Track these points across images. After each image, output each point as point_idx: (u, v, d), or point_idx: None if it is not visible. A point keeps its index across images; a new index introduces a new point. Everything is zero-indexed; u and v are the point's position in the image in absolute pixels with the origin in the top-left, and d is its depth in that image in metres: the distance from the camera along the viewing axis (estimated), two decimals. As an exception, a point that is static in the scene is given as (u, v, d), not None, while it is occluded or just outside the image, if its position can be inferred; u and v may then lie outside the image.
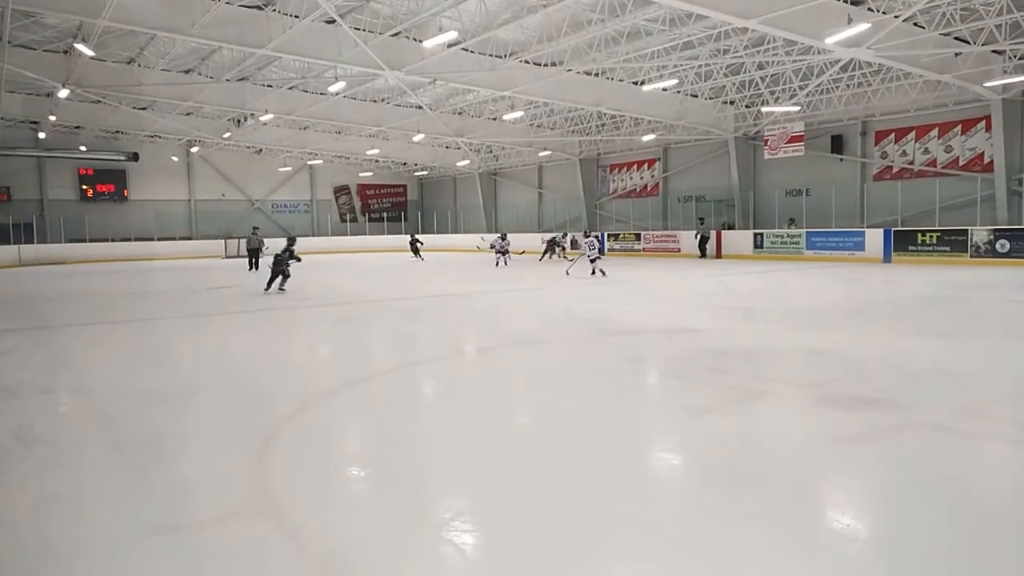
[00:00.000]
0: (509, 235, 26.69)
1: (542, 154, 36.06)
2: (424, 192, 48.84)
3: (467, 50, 20.44)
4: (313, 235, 42.39)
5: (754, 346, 8.24)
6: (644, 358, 8.10)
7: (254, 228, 27.25)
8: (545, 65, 21.84)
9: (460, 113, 31.13)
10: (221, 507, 3.74)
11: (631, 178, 34.22)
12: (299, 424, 5.35)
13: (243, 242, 28.83)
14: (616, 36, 19.51)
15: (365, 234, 44.45)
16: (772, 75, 23.30)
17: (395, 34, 19.35)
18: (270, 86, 26.20)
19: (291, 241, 15.97)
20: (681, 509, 3.79)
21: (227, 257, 34.59)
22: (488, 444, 4.84)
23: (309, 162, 42.14)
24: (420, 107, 28.67)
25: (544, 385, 6.61)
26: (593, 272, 18.42)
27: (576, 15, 18.15)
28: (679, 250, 28.20)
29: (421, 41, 18.95)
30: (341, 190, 45.73)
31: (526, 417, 5.73)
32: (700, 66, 22.22)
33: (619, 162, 34.54)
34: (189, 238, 38.69)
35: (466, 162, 39.27)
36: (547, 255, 27.04)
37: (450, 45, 19.40)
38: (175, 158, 38.92)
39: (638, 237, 30.38)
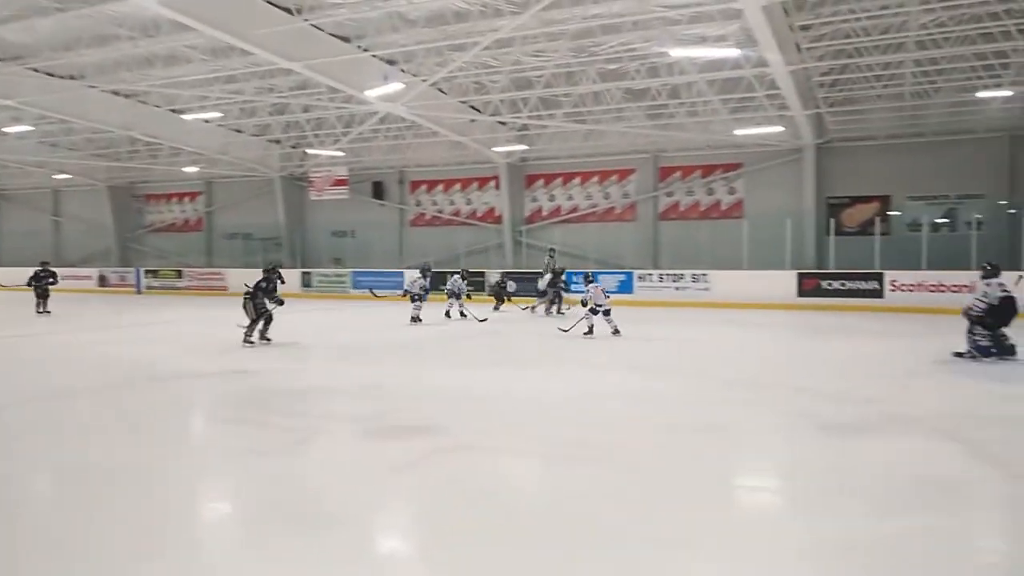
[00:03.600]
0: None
1: (58, 177, 31.33)
2: None
3: (-47, 46, 16.84)
4: None
5: (309, 384, 8.29)
6: (193, 402, 7.53)
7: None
8: (62, 77, 19.14)
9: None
10: None
11: (172, 211, 31.84)
12: None
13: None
14: (150, 58, 18.08)
15: None
16: (317, 118, 24.06)
17: None
18: None
19: (273, 270, 11.85)
20: (242, 551, 3.58)
21: None
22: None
23: None
24: None
25: (88, 436, 5.67)
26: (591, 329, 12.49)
27: (100, 27, 16.31)
28: (226, 289, 27.03)
29: None
30: None
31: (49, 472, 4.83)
32: (245, 102, 21.87)
33: (158, 193, 31.87)
34: None
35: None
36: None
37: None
38: None
39: (180, 274, 28.32)
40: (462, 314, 16.21)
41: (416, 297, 15.42)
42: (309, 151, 25.23)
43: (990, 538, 3.99)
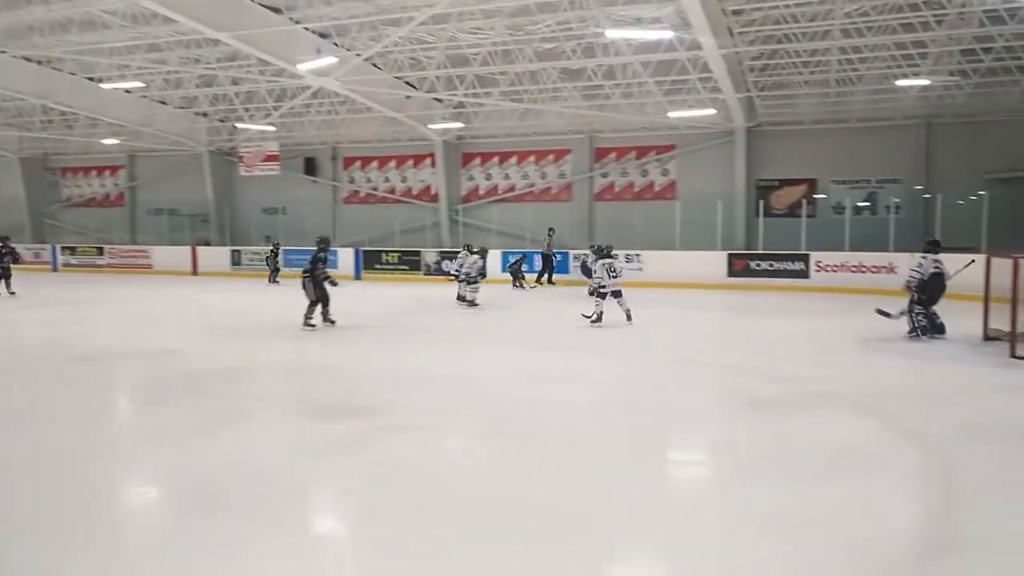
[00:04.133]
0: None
1: (-34, 148, 29.57)
2: None
3: None
4: None
5: (239, 364, 8.10)
6: (118, 384, 7.27)
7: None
8: (-31, 41, 18.03)
9: None
10: None
11: (91, 185, 30.42)
12: None
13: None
14: (65, 22, 17.15)
15: None
16: (247, 92, 23.28)
17: None
18: None
19: (324, 244, 11.23)
20: (166, 535, 3.50)
21: None
22: None
23: None
24: None
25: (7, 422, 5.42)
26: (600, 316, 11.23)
27: (11, -11, 15.42)
28: (151, 266, 26.10)
29: None
30: None
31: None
32: (169, 72, 21.00)
33: (74, 166, 30.37)
34: None
35: None
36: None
37: None
38: None
39: (101, 252, 27.17)
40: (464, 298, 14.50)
41: (473, 280, 14.27)
42: (239, 125, 24.42)
43: (904, 506, 4.20)
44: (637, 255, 19.40)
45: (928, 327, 9.74)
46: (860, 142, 20.63)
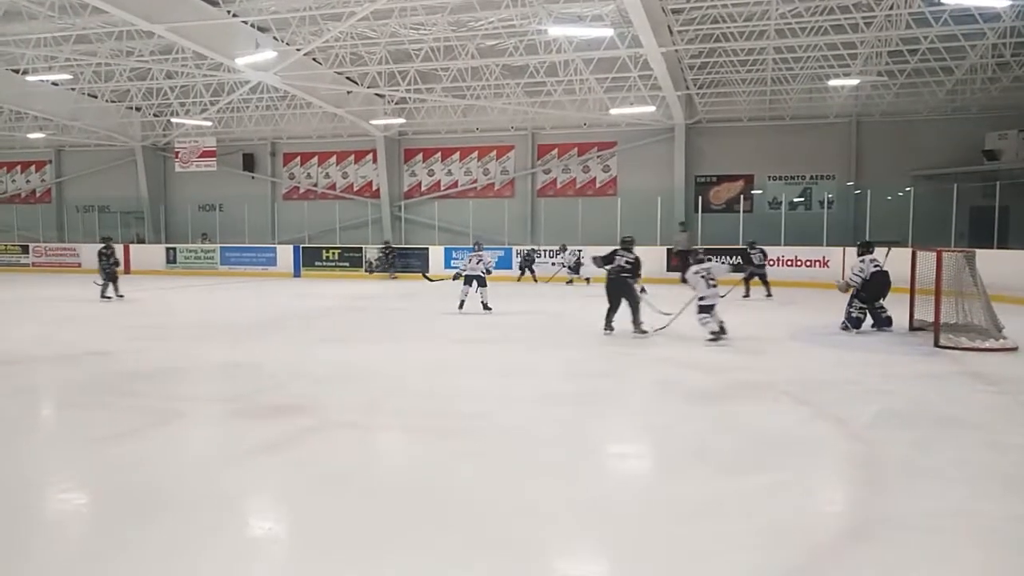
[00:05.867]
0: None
1: None
2: None
3: None
4: None
5: (170, 365, 7.88)
6: (40, 387, 7.00)
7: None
8: None
9: None
10: None
11: (14, 181, 29.20)
12: None
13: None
14: (-13, 12, 16.41)
15: None
16: (182, 86, 22.64)
17: None
18: None
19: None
20: (92, 541, 3.38)
21: None
22: None
23: None
24: None
25: None
26: (717, 332, 9.22)
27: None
28: (80, 265, 25.17)
29: None
30: None
31: None
32: (100, 64, 20.27)
33: (-2, 161, 29.16)
34: None
35: None
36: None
37: None
38: None
39: (26, 250, 26.11)
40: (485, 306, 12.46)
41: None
42: (174, 120, 23.72)
43: (831, 490, 4.33)
44: (580, 250, 19.58)
45: (858, 320, 10.05)
46: (795, 139, 21.22)
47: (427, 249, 22.44)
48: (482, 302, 12.26)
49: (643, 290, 10.09)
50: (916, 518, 3.70)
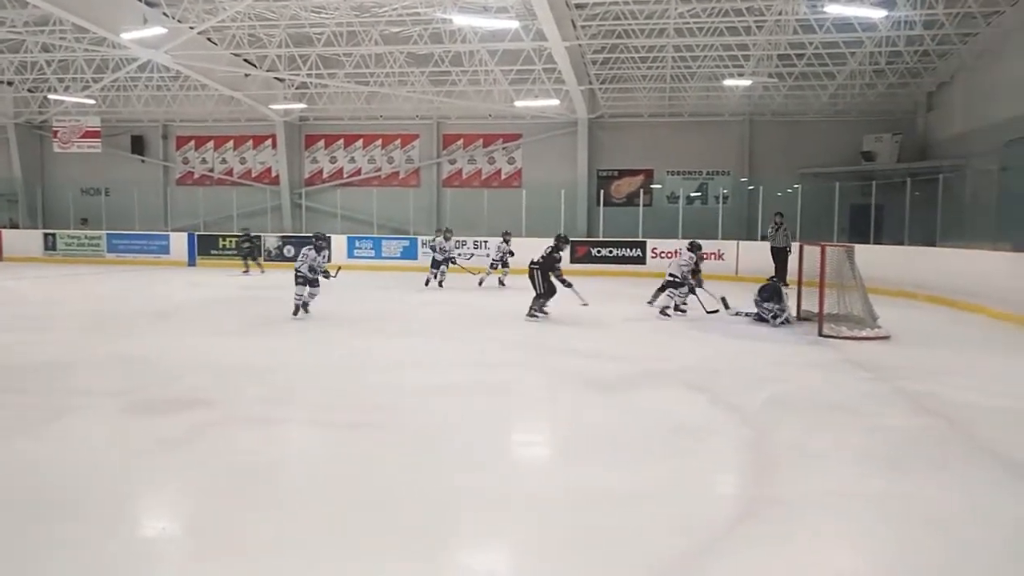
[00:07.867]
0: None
1: None
2: None
3: None
4: None
5: (55, 359, 7.43)
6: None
7: None
8: None
9: None
10: None
11: None
12: None
13: None
14: None
15: None
16: (61, 61, 21.20)
17: None
18: None
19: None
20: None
21: None
22: None
23: None
24: None
25: None
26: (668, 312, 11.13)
27: None
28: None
29: None
30: None
31: None
32: (-33, 34, 18.74)
33: None
34: None
35: None
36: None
37: None
38: None
39: None
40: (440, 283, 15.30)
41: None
42: (51, 97, 22.20)
43: (728, 474, 4.56)
44: (485, 241, 19.66)
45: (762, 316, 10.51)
46: (692, 136, 22.01)
47: (329, 238, 21.90)
48: (439, 281, 15.01)
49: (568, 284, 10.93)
50: (808, 496, 3.95)
